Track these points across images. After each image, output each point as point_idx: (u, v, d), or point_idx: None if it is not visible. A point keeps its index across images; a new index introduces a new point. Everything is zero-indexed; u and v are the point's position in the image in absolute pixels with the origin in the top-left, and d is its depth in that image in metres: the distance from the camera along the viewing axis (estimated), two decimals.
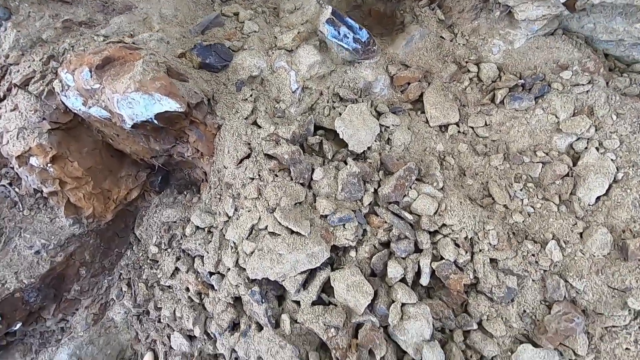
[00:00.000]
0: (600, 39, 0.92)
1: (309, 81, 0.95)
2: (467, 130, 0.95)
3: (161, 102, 0.75)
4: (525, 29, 0.95)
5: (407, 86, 0.99)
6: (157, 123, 0.79)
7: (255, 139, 0.89)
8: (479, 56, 1.00)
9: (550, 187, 0.82)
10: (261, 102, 0.91)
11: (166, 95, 0.75)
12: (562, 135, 0.85)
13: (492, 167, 0.89)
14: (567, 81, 0.87)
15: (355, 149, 0.90)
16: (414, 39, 1.02)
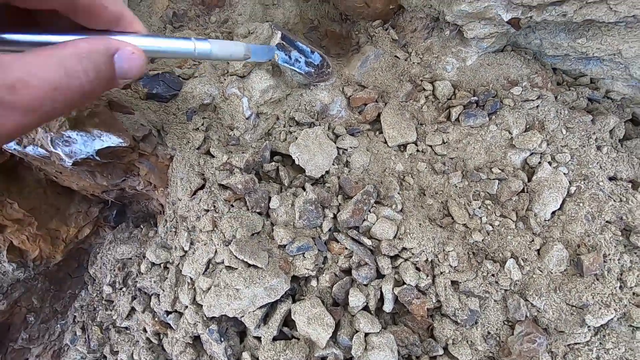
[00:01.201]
0: (547, 54, 0.94)
1: (264, 106, 0.93)
2: (425, 149, 0.94)
3: (102, 138, 0.71)
4: (476, 47, 0.96)
5: (364, 107, 0.99)
6: (100, 159, 0.75)
7: (208, 169, 0.86)
8: (433, 74, 1.01)
9: (508, 203, 0.82)
10: (214, 131, 0.89)
11: (107, 131, 0.71)
12: (516, 150, 0.85)
13: (451, 185, 0.89)
14: (518, 97, 0.88)
15: (313, 174, 0.88)
16: (369, 60, 1.02)
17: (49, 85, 0.28)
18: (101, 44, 0.32)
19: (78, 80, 0.30)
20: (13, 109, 0.27)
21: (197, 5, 1.13)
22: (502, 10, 0.84)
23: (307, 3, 1.18)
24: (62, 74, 0.29)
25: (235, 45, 0.59)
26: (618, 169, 0.82)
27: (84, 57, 0.30)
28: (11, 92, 0.26)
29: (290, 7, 1.16)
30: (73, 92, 0.29)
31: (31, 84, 0.27)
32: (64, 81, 0.29)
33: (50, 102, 0.29)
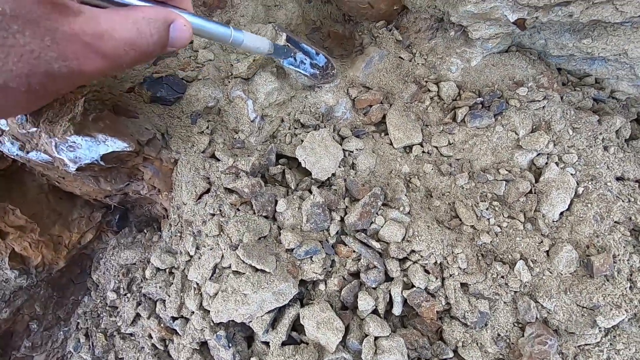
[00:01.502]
0: (552, 54, 0.94)
1: (268, 109, 0.92)
2: (431, 150, 0.94)
3: (106, 142, 0.70)
4: (481, 47, 0.95)
5: (369, 108, 0.98)
6: (104, 164, 0.74)
7: (214, 172, 0.85)
8: (438, 75, 1.00)
9: (515, 204, 0.82)
10: (219, 134, 0.88)
11: (112, 136, 0.70)
12: (522, 151, 0.85)
13: (457, 186, 0.88)
14: (524, 97, 0.88)
15: (319, 177, 0.88)
16: (373, 61, 1.01)
17: (126, 40, 0.34)
18: (163, 13, 0.38)
19: (145, 40, 0.36)
20: (97, 54, 0.32)
21: (199, 6, 1.11)
22: (509, 10, 0.84)
23: (309, 4, 1.18)
24: (135, 33, 0.35)
25: (262, 41, 0.70)
26: (625, 169, 0.82)
27: (151, 21, 0.37)
28: (100, 40, 0.32)
29: (292, 8, 1.15)
30: (141, 49, 0.36)
31: (114, 36, 0.33)
32: (136, 39, 0.35)
33: (125, 54, 0.35)
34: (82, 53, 0.31)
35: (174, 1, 0.43)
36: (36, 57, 0.28)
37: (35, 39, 0.28)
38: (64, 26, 0.30)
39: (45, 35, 0.28)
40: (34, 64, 0.28)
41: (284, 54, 0.85)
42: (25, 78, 0.29)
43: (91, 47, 0.32)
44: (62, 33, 0.29)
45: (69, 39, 0.30)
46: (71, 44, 0.30)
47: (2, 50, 0.27)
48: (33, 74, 0.29)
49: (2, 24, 0.26)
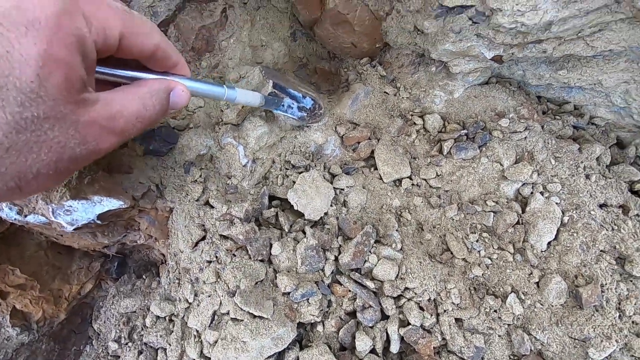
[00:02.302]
0: (531, 83, 0.97)
1: (259, 152, 0.95)
2: (420, 183, 0.96)
3: (102, 203, 0.72)
4: (462, 80, 0.99)
5: (357, 145, 1.00)
6: (100, 222, 0.76)
7: (208, 220, 0.87)
8: (422, 108, 1.03)
9: (504, 235, 0.84)
10: (212, 181, 0.90)
11: (107, 196, 0.72)
12: (508, 182, 0.88)
13: (447, 218, 0.90)
14: (506, 128, 0.91)
15: (312, 217, 0.90)
16: (359, 97, 1.04)
17: (134, 116, 0.40)
18: (164, 84, 0.45)
19: (150, 112, 0.42)
20: (111, 132, 0.38)
21: (188, 51, 1.15)
22: (485, 49, 0.87)
23: (295, 42, 1.21)
24: (141, 108, 0.41)
25: (254, 95, 0.78)
26: (607, 195, 0.85)
27: (154, 94, 0.43)
28: (113, 121, 0.37)
29: (278, 47, 1.19)
30: (146, 119, 0.42)
31: (124, 114, 0.39)
32: (143, 112, 0.41)
33: (133, 127, 0.40)
34: (99, 135, 0.36)
35: (174, 69, 0.49)
36: (62, 146, 0.34)
37: (62, 132, 0.33)
38: (85, 116, 0.35)
39: (70, 127, 0.34)
40: (60, 152, 0.34)
41: (274, 104, 0.88)
42: (53, 164, 0.34)
43: (106, 128, 0.37)
44: (83, 123, 0.35)
45: (89, 126, 0.35)
46: (90, 130, 0.35)
47: (37, 145, 0.32)
48: (60, 160, 0.34)
49: (37, 125, 0.32)
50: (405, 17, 0.96)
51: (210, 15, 1.16)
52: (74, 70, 0.34)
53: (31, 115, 0.31)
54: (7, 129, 0.31)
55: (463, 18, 0.85)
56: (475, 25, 0.85)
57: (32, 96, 0.31)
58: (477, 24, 0.85)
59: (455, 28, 0.87)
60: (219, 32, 1.17)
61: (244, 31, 1.18)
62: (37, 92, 0.31)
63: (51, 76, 0.32)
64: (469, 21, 0.85)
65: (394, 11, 0.97)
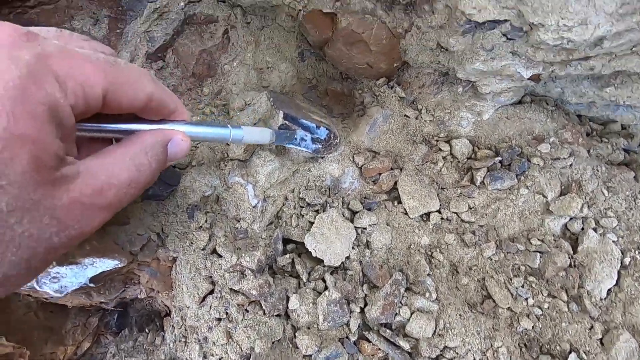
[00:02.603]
0: (570, 101, 0.87)
1: (270, 190, 0.85)
2: (450, 217, 0.86)
3: (95, 265, 0.63)
4: (492, 101, 0.89)
5: (378, 176, 0.90)
6: (94, 285, 0.66)
7: (216, 271, 0.77)
8: (448, 131, 0.93)
9: (555, 280, 0.73)
10: (219, 227, 0.80)
11: (100, 257, 0.62)
12: (554, 217, 0.77)
13: (485, 258, 0.80)
14: (547, 155, 0.80)
15: (332, 263, 0.80)
16: (377, 123, 0.94)
17: (126, 183, 0.33)
18: (160, 136, 0.39)
19: (145, 173, 0.36)
20: (99, 209, 0.32)
21: (188, 78, 1.06)
22: (522, 67, 0.77)
23: (303, 63, 1.12)
24: (134, 171, 0.35)
25: (263, 132, 0.69)
26: None
27: (148, 151, 0.37)
28: (99, 195, 0.31)
29: (285, 68, 1.10)
30: (142, 182, 0.36)
31: (113, 184, 0.32)
32: (136, 176, 0.35)
33: (126, 196, 0.34)
34: (83, 215, 0.30)
35: (172, 115, 0.43)
36: (36, 239, 0.28)
37: (34, 223, 0.27)
38: (63, 198, 0.29)
39: (44, 215, 0.27)
40: (33, 247, 0.28)
41: (287, 139, 0.79)
42: (25, 263, 0.28)
43: (92, 205, 0.31)
44: (62, 207, 0.29)
45: (69, 209, 0.29)
46: (71, 212, 0.30)
47: (1, 246, 0.25)
48: (33, 256, 0.28)
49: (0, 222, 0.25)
50: (427, 34, 0.86)
51: (211, 37, 1.07)
52: (45, 146, 0.28)
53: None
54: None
55: (496, 34, 0.75)
56: (510, 42, 0.75)
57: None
58: (513, 41, 0.75)
59: (486, 45, 0.77)
60: (221, 55, 1.08)
61: (247, 53, 1.09)
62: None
63: (14, 160, 0.26)
64: (502, 37, 0.75)
65: (413, 27, 0.88)
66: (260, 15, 1.09)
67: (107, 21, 0.94)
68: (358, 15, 0.88)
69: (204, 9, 1.04)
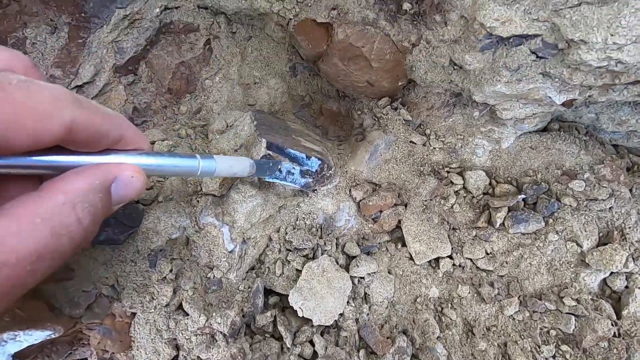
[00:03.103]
0: (606, 129, 0.74)
1: (251, 230, 0.72)
2: (464, 263, 0.73)
3: (18, 339, 0.49)
4: (513, 127, 0.76)
5: (379, 214, 0.77)
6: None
7: (181, 332, 0.64)
8: (461, 160, 0.80)
9: (594, 351, 0.59)
10: (187, 277, 0.67)
11: (25, 329, 0.49)
12: (591, 271, 0.64)
13: (506, 317, 0.66)
14: (581, 194, 0.67)
15: (323, 322, 0.66)
16: (378, 150, 0.81)
17: (29, 258, 0.24)
18: (98, 177, 0.29)
19: (68, 235, 0.26)
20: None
21: (163, 94, 0.93)
22: (554, 92, 0.64)
23: (295, 78, 0.99)
24: (47, 238, 0.25)
25: (240, 162, 0.56)
26: None
27: (78, 202, 0.27)
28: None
29: (275, 84, 0.97)
30: (66, 249, 0.26)
31: (7, 263, 0.23)
32: (50, 244, 0.25)
33: (27, 278, 0.25)
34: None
35: (118, 144, 0.33)
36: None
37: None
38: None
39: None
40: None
41: (269, 170, 0.65)
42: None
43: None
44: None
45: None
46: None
47: None
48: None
49: None
50: (438, 49, 0.73)
51: (191, 48, 0.95)
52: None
53: None
54: None
55: (523, 52, 0.62)
56: (540, 61, 0.62)
57: None
58: (545, 60, 0.62)
59: (511, 65, 0.64)
60: (202, 68, 0.96)
61: (232, 66, 0.97)
62: None
63: None
64: (531, 56, 0.62)
65: (422, 41, 0.75)
66: (247, 24, 0.96)
67: (67, 29, 0.82)
68: (357, 27, 0.76)
69: (182, 17, 0.92)
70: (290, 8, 0.82)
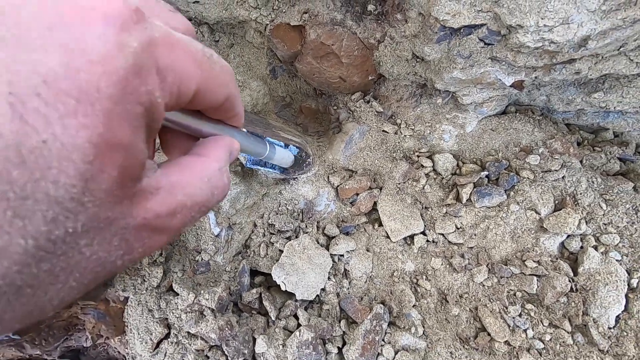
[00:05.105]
0: (557, 110, 0.81)
1: (236, 216, 0.77)
2: (437, 239, 0.78)
3: None
4: (475, 112, 0.82)
5: (356, 197, 0.83)
6: (19, 337, 0.56)
7: (172, 312, 0.68)
8: (430, 146, 0.86)
9: (555, 307, 0.64)
10: (176, 260, 0.71)
11: None
12: (549, 235, 0.69)
13: (477, 284, 0.71)
14: (537, 167, 0.73)
15: (305, 297, 0.70)
16: (353, 139, 0.87)
17: (199, 208, 0.27)
18: (228, 146, 0.31)
19: (217, 196, 0.29)
20: (164, 232, 0.26)
21: None
22: (503, 74, 0.72)
23: (275, 80, 1.06)
24: (209, 195, 0.28)
25: (288, 155, 0.67)
26: None
27: (223, 166, 0.30)
28: (172, 217, 0.25)
29: (257, 86, 1.04)
30: (212, 205, 0.29)
31: (187, 206, 0.26)
32: (210, 201, 0.29)
33: (192, 220, 0.28)
34: (149, 238, 0.25)
35: (231, 120, 0.35)
36: (101, 263, 0.23)
37: (104, 246, 0.22)
38: (138, 218, 0.23)
39: (115, 236, 0.23)
40: (97, 271, 0.23)
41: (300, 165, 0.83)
42: (84, 288, 0.23)
43: (162, 228, 0.25)
44: (134, 227, 0.23)
45: (140, 229, 0.24)
46: (141, 234, 0.24)
47: (65, 272, 0.20)
48: (94, 280, 0.23)
49: (70, 244, 0.20)
50: (401, 44, 0.81)
51: None
52: (135, 155, 0.22)
53: (64, 233, 0.20)
54: (24, 259, 0.19)
55: (472, 40, 0.70)
56: (488, 47, 0.70)
57: (70, 206, 0.20)
58: (491, 46, 0.69)
59: (463, 52, 0.71)
60: None
61: None
62: (79, 200, 0.20)
63: (103, 173, 0.20)
64: (480, 43, 0.70)
65: (386, 38, 0.83)
66: (229, 32, 1.04)
67: None
68: (327, 27, 0.83)
69: None
70: (267, 14, 0.90)
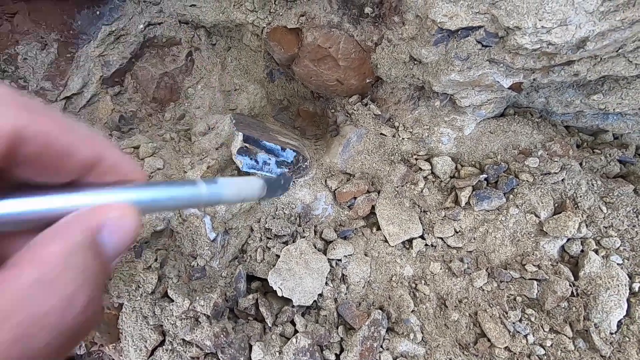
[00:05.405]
0: (556, 112, 0.80)
1: (232, 220, 0.76)
2: (435, 242, 0.77)
3: None
4: (473, 114, 0.82)
5: (354, 201, 0.82)
6: None
7: (167, 318, 0.67)
8: (428, 149, 0.86)
9: (556, 312, 0.63)
10: (171, 265, 0.70)
11: None
12: (549, 238, 0.68)
13: (476, 289, 0.70)
14: (536, 170, 0.73)
15: (302, 303, 0.69)
16: (351, 143, 0.87)
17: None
18: (77, 231, 0.20)
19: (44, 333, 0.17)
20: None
21: (148, 103, 0.99)
22: (501, 76, 0.71)
23: (272, 83, 1.06)
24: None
25: (249, 183, 0.36)
26: None
27: (61, 270, 0.18)
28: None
29: (254, 90, 1.03)
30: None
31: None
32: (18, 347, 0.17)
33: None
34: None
35: (101, 171, 0.23)
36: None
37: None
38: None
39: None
40: None
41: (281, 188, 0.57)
42: None
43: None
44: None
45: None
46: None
47: None
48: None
49: None
50: (398, 46, 0.80)
51: (174, 60, 1.01)
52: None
53: None
54: None
55: (470, 42, 0.69)
56: (486, 49, 0.69)
57: None
58: (489, 48, 0.69)
59: (461, 54, 0.71)
60: (185, 78, 1.02)
61: (213, 75, 1.03)
62: None
63: None
64: (477, 45, 0.69)
65: (384, 40, 0.82)
66: (226, 35, 1.03)
67: (57, 45, 0.88)
68: (324, 30, 0.83)
69: (165, 31, 0.99)
70: (263, 17, 0.89)
